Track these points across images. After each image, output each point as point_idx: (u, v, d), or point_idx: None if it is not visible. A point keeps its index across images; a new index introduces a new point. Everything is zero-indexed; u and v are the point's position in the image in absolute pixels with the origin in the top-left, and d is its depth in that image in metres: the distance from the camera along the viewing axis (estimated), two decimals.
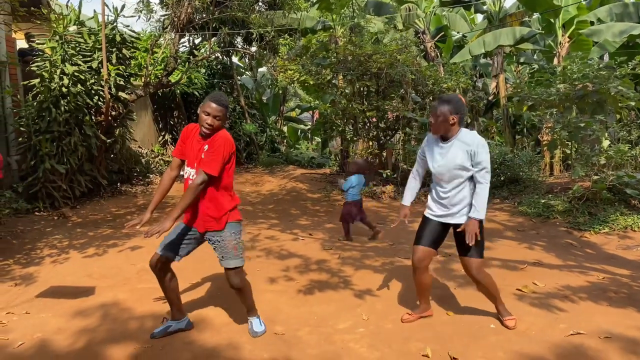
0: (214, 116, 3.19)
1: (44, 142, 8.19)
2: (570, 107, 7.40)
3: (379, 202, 8.70)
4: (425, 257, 3.54)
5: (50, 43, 8.79)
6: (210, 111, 3.19)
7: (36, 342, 3.49)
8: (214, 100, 3.21)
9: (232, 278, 3.41)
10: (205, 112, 3.20)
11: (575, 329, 3.41)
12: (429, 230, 3.55)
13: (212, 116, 3.19)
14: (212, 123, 3.20)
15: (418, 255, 3.53)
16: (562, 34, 11.31)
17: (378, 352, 3.25)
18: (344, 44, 9.84)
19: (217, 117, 3.20)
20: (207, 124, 3.20)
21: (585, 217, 6.19)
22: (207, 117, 3.20)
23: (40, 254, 5.82)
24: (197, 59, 13.55)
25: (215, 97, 3.24)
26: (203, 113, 3.21)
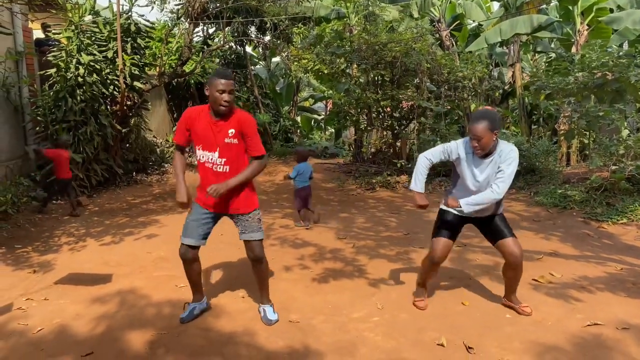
0: (229, 91, 3.13)
1: (60, 131, 8.28)
2: (588, 96, 7.27)
3: (394, 191, 8.66)
4: (447, 250, 3.55)
5: (66, 33, 8.85)
6: (224, 87, 3.12)
7: (55, 327, 3.55)
8: (223, 75, 3.14)
9: (256, 249, 3.43)
10: (219, 90, 3.12)
11: (592, 320, 3.38)
12: (450, 224, 3.54)
13: (228, 92, 3.13)
14: (229, 99, 3.14)
15: (441, 249, 3.52)
16: (580, 22, 11.10)
17: (393, 341, 3.24)
18: (359, 32, 9.76)
19: (231, 92, 3.15)
20: (225, 101, 3.13)
21: (603, 207, 6.10)
22: (223, 95, 3.12)
23: (58, 241, 5.90)
24: (211, 49, 13.55)
25: (222, 73, 3.16)
26: (217, 92, 3.12)
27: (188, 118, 3.32)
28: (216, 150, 3.26)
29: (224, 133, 3.24)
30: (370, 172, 9.85)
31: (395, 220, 6.53)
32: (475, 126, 3.17)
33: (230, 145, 3.25)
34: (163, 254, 5.21)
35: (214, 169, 3.30)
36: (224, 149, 3.26)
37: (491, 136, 3.16)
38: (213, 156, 3.28)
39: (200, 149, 3.31)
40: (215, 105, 3.17)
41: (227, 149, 3.26)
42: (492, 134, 3.16)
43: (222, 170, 3.29)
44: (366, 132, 11.36)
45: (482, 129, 3.14)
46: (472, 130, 3.19)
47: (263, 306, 3.66)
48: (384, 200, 8.03)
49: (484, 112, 3.25)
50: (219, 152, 3.26)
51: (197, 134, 3.29)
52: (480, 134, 3.14)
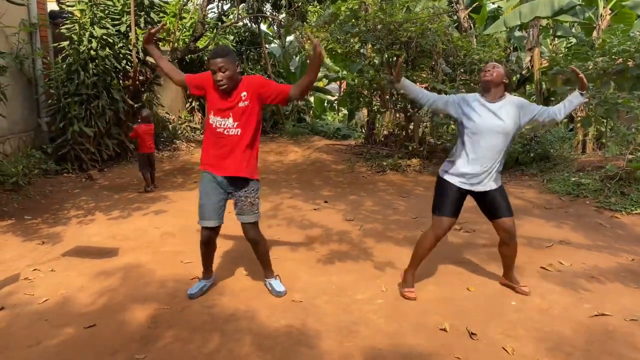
0: (219, 68, 3.17)
1: (72, 104, 8.30)
2: (607, 82, 7.08)
3: (404, 175, 8.58)
4: (449, 227, 3.50)
5: (79, 5, 8.81)
6: (214, 67, 3.19)
7: (60, 298, 3.58)
8: (213, 54, 3.22)
9: (250, 231, 3.51)
10: (212, 70, 3.21)
11: (600, 310, 3.32)
12: (453, 200, 3.46)
13: (218, 70, 3.18)
14: (221, 77, 3.19)
15: (444, 226, 3.46)
16: (603, 6, 10.77)
17: (395, 324, 3.22)
18: (374, 11, 9.58)
19: (222, 69, 3.18)
20: (217, 80, 3.21)
21: (617, 196, 5.97)
22: (215, 75, 3.20)
23: (67, 214, 5.94)
24: (225, 25, 13.43)
25: (213, 53, 3.24)
26: (212, 72, 3.22)
27: (208, 80, 3.35)
28: (229, 116, 3.31)
29: (237, 98, 3.29)
30: (382, 154, 9.77)
31: (404, 203, 6.47)
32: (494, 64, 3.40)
33: (244, 108, 3.30)
34: (170, 230, 5.22)
35: (225, 132, 3.33)
36: (237, 113, 3.31)
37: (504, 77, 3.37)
38: (227, 122, 3.32)
39: (212, 115, 3.36)
40: (216, 85, 3.26)
41: (241, 112, 3.31)
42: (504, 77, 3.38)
43: (234, 133, 3.33)
44: (379, 114, 11.23)
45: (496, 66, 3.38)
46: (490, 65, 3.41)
47: (269, 280, 3.70)
48: (394, 183, 7.96)
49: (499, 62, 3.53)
50: (233, 116, 3.31)
51: (212, 100, 3.35)
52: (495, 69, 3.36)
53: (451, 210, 3.46)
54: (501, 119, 3.32)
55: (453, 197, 3.45)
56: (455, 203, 3.46)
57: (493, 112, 3.34)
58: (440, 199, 3.50)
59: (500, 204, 3.44)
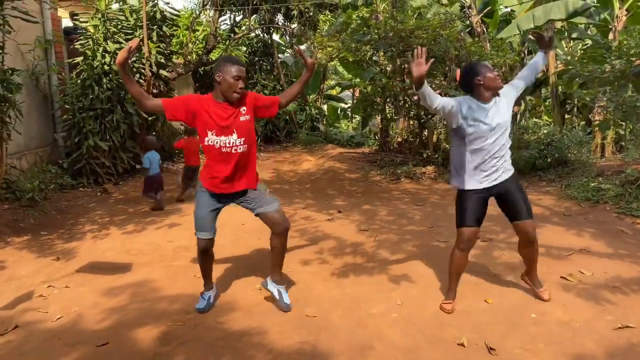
0: (242, 77, 3.20)
1: (87, 119, 8.37)
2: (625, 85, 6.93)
3: (419, 183, 8.49)
4: (473, 238, 3.44)
5: (92, 21, 8.92)
6: (240, 74, 3.18)
7: (74, 316, 3.57)
8: (237, 62, 3.22)
9: (279, 220, 3.42)
10: (234, 77, 3.17)
11: (623, 322, 3.21)
12: (473, 209, 3.39)
13: (242, 78, 3.20)
14: (242, 85, 3.21)
15: (468, 237, 3.40)
16: (619, 7, 10.60)
17: (411, 339, 3.14)
18: (385, 19, 9.54)
19: (244, 78, 3.22)
20: (240, 88, 3.19)
21: (638, 202, 5.81)
22: (238, 82, 3.18)
23: (82, 229, 5.97)
24: (238, 37, 13.51)
25: (234, 59, 3.25)
26: (232, 78, 3.17)
27: (196, 103, 3.27)
28: (233, 133, 3.26)
29: (238, 112, 3.28)
30: (396, 162, 9.68)
31: (419, 213, 6.38)
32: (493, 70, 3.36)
33: (246, 122, 3.30)
34: (184, 243, 5.21)
35: (232, 151, 3.28)
36: (241, 129, 3.28)
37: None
38: (231, 139, 3.27)
39: (213, 135, 3.27)
40: (229, 92, 3.20)
41: (243, 127, 3.29)
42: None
43: (242, 150, 3.30)
44: (392, 121, 11.16)
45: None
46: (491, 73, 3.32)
47: (278, 287, 3.59)
48: (409, 191, 7.87)
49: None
50: (237, 132, 3.27)
51: (208, 120, 3.25)
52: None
53: (471, 219, 3.39)
54: (498, 116, 3.32)
55: (472, 207, 3.39)
56: (475, 212, 3.39)
57: (491, 113, 3.32)
58: (459, 210, 3.46)
59: (521, 206, 3.40)
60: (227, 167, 3.31)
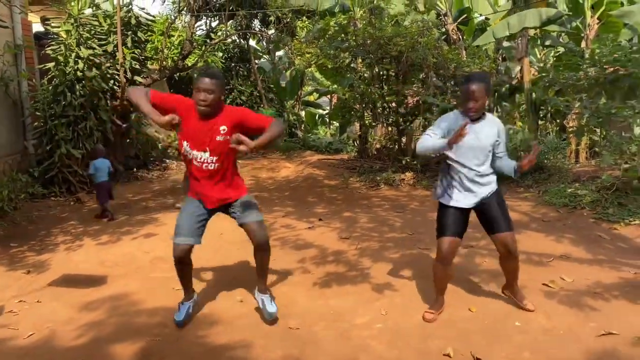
0: (205, 90, 3.04)
1: (59, 126, 8.15)
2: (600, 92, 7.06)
3: (398, 190, 8.48)
4: (454, 248, 3.39)
5: (65, 26, 8.71)
6: (202, 86, 3.04)
7: (46, 333, 3.43)
8: (205, 74, 3.08)
9: (258, 231, 3.32)
10: (197, 88, 3.06)
11: (606, 329, 3.21)
12: (454, 220, 3.38)
13: (204, 90, 3.04)
14: (205, 98, 3.05)
15: (447, 247, 3.35)
16: (591, 15, 10.85)
17: (396, 350, 3.10)
18: (364, 26, 9.56)
19: (209, 91, 3.04)
20: (199, 99, 3.06)
21: (614, 207, 5.89)
22: (199, 94, 3.05)
23: (55, 240, 5.78)
24: (214, 43, 13.39)
25: (205, 71, 3.10)
26: (197, 90, 3.06)
27: (183, 105, 3.17)
28: (206, 150, 3.17)
29: (215, 131, 3.14)
30: (375, 168, 9.68)
31: (399, 220, 6.36)
32: (474, 86, 3.16)
33: (223, 142, 3.15)
34: (161, 254, 5.07)
35: (203, 167, 3.21)
36: (216, 148, 3.16)
37: (485, 99, 3.22)
38: (203, 155, 3.18)
39: (188, 146, 3.19)
40: (197, 106, 3.09)
41: (219, 146, 3.16)
42: (486, 97, 3.22)
43: (213, 167, 3.21)
44: (371, 128, 11.17)
45: (480, 89, 3.15)
46: (471, 90, 3.16)
47: (262, 296, 3.50)
48: (388, 198, 7.86)
49: (482, 75, 3.29)
50: (210, 151, 3.17)
51: (187, 130, 3.17)
52: (479, 94, 3.15)
53: (450, 230, 3.37)
54: (481, 138, 3.26)
55: (453, 218, 3.37)
56: (455, 223, 3.37)
57: (473, 132, 3.24)
58: (439, 223, 3.45)
59: (499, 217, 3.36)
60: (201, 180, 3.25)
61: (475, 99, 3.17)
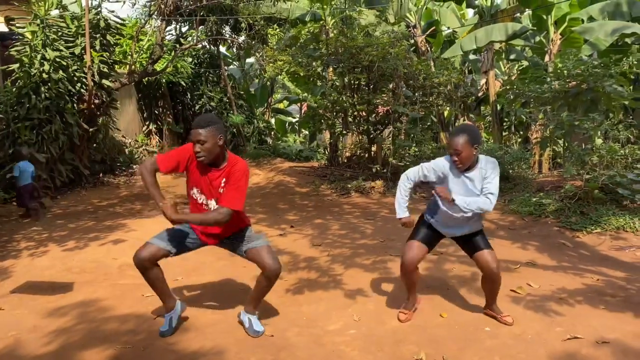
0: (198, 141, 3.02)
1: (22, 129, 7.93)
2: (563, 105, 7.32)
3: (368, 197, 8.56)
4: (419, 254, 3.45)
5: (30, 27, 8.50)
6: (193, 138, 3.04)
7: (10, 341, 3.31)
8: (195, 125, 3.06)
9: (271, 259, 3.24)
10: (192, 141, 3.06)
11: (572, 333, 3.31)
12: (426, 232, 3.49)
13: (196, 141, 3.02)
14: (199, 149, 3.04)
15: (413, 252, 3.42)
16: (554, 31, 11.25)
17: (370, 356, 3.12)
18: (335, 35, 9.66)
19: (201, 142, 3.01)
20: (195, 152, 3.06)
21: (577, 216, 6.11)
22: (194, 147, 3.05)
23: (17, 246, 5.59)
24: (184, 48, 13.28)
25: (196, 121, 3.08)
26: (192, 143, 3.07)
27: (186, 156, 3.17)
28: (212, 199, 3.20)
29: (217, 183, 3.17)
30: (346, 176, 9.75)
31: (370, 227, 6.42)
32: (455, 140, 3.16)
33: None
34: (129, 261, 4.88)
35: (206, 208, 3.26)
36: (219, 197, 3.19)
37: (471, 150, 3.16)
38: (210, 202, 3.21)
39: (196, 191, 3.24)
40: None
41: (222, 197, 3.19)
42: (472, 148, 3.16)
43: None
44: (341, 136, 11.26)
45: (462, 142, 3.14)
46: (452, 144, 3.17)
47: (249, 315, 3.42)
48: (359, 205, 7.93)
49: (464, 127, 3.29)
50: (215, 200, 3.20)
51: (194, 178, 3.22)
52: (461, 147, 3.14)
53: (420, 237, 3.47)
54: (470, 188, 3.28)
55: (426, 230, 3.48)
56: (427, 235, 3.47)
57: (463, 183, 3.29)
58: (414, 229, 3.53)
59: (479, 241, 3.44)
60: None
61: (456, 152, 3.16)
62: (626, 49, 11.93)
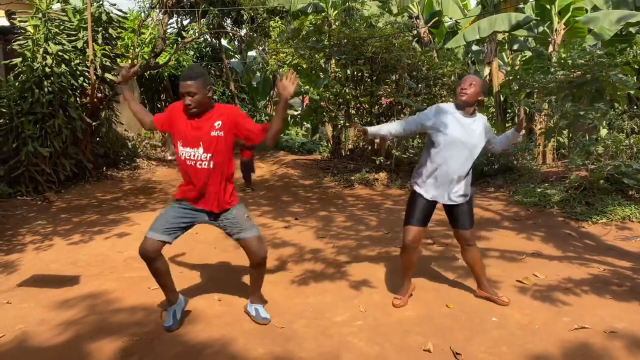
0: (187, 93, 3.00)
1: (26, 124, 7.92)
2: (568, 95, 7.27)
3: (373, 189, 8.56)
4: (418, 237, 3.53)
5: (32, 21, 8.46)
6: (183, 90, 3.02)
7: (18, 334, 3.32)
8: (183, 77, 3.05)
9: (259, 247, 3.30)
10: (182, 93, 3.05)
11: (579, 323, 3.31)
12: (420, 209, 3.51)
13: (187, 94, 3.01)
14: (190, 102, 3.02)
15: (412, 235, 3.49)
16: (557, 21, 11.17)
17: (377, 347, 3.12)
18: (338, 27, 9.61)
19: (191, 94, 3.00)
20: (185, 104, 3.05)
21: (582, 206, 6.09)
22: (183, 98, 3.05)
23: (23, 240, 5.61)
24: (186, 41, 13.23)
25: (185, 74, 3.07)
26: (181, 94, 3.06)
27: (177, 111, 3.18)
28: (199, 146, 3.09)
29: (209, 126, 3.08)
30: (349, 168, 9.74)
31: (375, 218, 6.42)
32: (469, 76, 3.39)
33: (217, 138, 3.10)
34: (134, 254, 4.90)
35: (197, 165, 3.11)
36: (209, 144, 3.09)
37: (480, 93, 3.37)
38: (197, 152, 3.10)
39: (181, 145, 3.12)
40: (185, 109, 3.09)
41: (213, 142, 3.09)
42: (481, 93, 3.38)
43: (206, 166, 3.12)
44: (344, 129, 11.23)
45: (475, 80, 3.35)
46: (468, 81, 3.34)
47: (255, 305, 3.48)
48: (363, 198, 7.92)
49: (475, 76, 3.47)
50: (203, 147, 3.09)
51: (180, 129, 3.13)
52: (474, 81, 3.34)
53: (416, 220, 3.50)
54: (471, 135, 3.37)
55: (421, 207, 3.50)
56: (421, 213, 3.50)
57: (465, 128, 3.37)
58: (407, 209, 3.57)
59: (464, 218, 3.53)
60: (192, 182, 3.15)
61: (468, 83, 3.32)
62: (630, 39, 11.84)
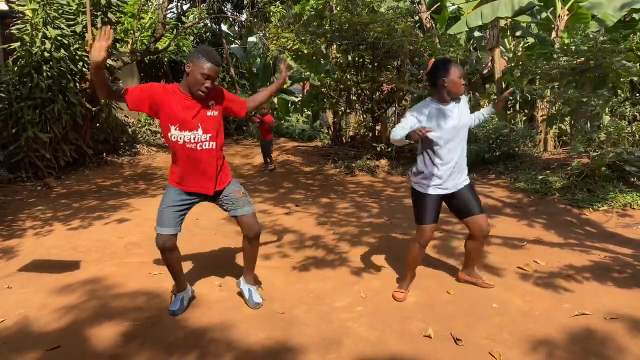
0: (210, 77, 2.93)
1: (25, 109, 7.88)
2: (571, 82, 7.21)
3: (374, 176, 8.54)
4: (432, 234, 3.53)
5: (31, 5, 8.37)
6: (211, 73, 2.92)
7: (19, 319, 3.32)
8: (212, 59, 2.93)
9: (253, 224, 3.29)
10: (204, 74, 2.90)
11: (580, 310, 3.31)
12: (432, 208, 3.45)
13: (212, 79, 2.95)
14: (210, 86, 2.95)
15: (428, 234, 3.46)
16: (561, 7, 11.04)
17: (378, 332, 3.12)
18: (340, 11, 9.51)
19: (213, 78, 2.95)
20: (206, 87, 2.94)
21: (583, 194, 6.07)
22: (206, 81, 2.92)
23: (23, 225, 5.61)
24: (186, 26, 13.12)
25: (211, 55, 2.94)
26: (201, 75, 2.90)
27: (162, 94, 2.98)
28: (198, 128, 3.04)
29: (204, 107, 3.05)
30: (350, 155, 9.71)
31: (376, 205, 6.40)
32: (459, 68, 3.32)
33: (213, 118, 3.08)
34: (135, 239, 4.98)
35: (198, 147, 3.06)
36: (207, 124, 3.06)
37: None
38: (196, 134, 3.04)
39: (177, 130, 3.03)
40: (194, 88, 2.95)
41: (210, 122, 3.07)
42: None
43: (207, 147, 3.08)
44: (345, 115, 11.18)
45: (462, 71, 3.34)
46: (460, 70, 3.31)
47: (249, 286, 3.48)
48: (364, 184, 7.90)
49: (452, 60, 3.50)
50: (202, 128, 3.05)
51: (172, 113, 3.00)
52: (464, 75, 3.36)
53: (432, 218, 3.46)
54: (458, 117, 3.36)
55: (432, 206, 3.45)
56: (435, 210, 3.46)
57: (452, 115, 3.34)
58: (421, 210, 3.48)
59: (472, 200, 3.47)
60: (193, 165, 3.09)
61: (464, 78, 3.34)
62: (634, 25, 11.71)
